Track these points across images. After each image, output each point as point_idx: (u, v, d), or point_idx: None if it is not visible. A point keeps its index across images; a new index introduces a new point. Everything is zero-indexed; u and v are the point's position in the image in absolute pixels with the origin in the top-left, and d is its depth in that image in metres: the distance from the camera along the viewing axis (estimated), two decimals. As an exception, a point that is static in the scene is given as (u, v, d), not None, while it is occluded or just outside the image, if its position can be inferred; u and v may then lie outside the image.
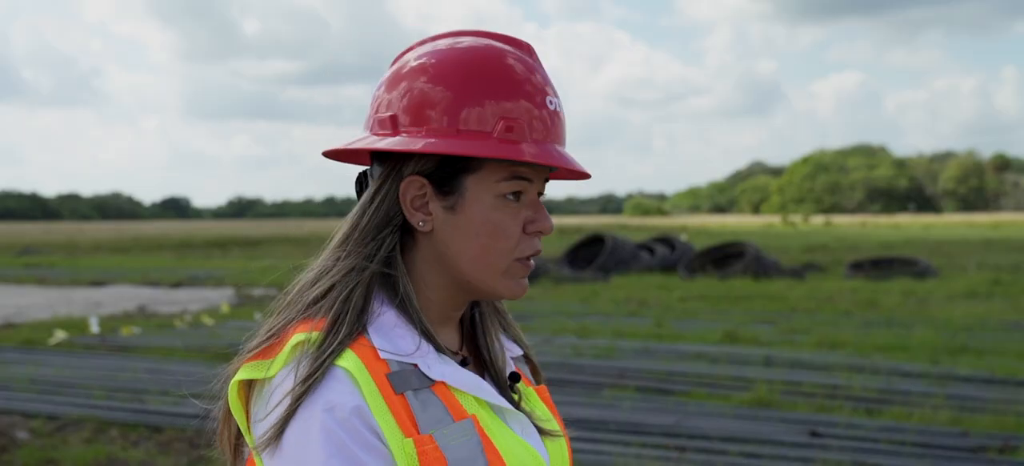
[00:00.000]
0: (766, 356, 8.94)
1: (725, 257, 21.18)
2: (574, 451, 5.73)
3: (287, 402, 1.01)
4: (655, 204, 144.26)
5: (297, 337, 1.05)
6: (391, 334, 1.08)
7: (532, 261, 1.13)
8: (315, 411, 1.00)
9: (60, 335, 10.99)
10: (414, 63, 1.12)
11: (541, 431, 1.17)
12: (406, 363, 1.06)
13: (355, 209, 1.13)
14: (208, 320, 12.64)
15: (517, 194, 1.10)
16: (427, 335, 1.10)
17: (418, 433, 1.02)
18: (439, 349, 1.10)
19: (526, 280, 1.13)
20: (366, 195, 1.12)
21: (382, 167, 1.12)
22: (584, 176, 1.19)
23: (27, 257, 31.01)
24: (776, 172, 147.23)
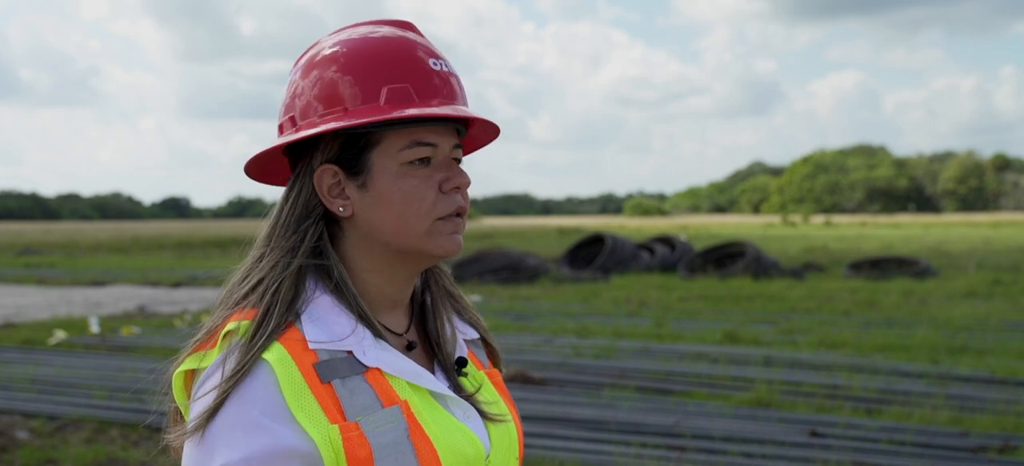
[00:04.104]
0: (766, 356, 8.94)
1: (725, 257, 21.17)
2: (574, 451, 5.75)
3: (214, 395, 1.05)
4: (655, 204, 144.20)
5: (227, 327, 1.10)
6: (326, 319, 1.11)
7: (460, 218, 1.16)
8: (236, 407, 1.04)
9: (60, 335, 10.98)
10: (327, 52, 1.16)
11: (485, 416, 1.19)
12: (338, 350, 1.09)
13: (275, 206, 1.18)
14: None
15: (425, 160, 1.13)
16: (364, 319, 1.13)
17: (344, 420, 1.05)
18: (377, 333, 1.13)
19: (459, 236, 1.16)
20: (284, 192, 1.17)
21: (294, 165, 1.17)
22: (494, 130, 1.24)
23: (27, 257, 30.97)
24: (776, 172, 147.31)
